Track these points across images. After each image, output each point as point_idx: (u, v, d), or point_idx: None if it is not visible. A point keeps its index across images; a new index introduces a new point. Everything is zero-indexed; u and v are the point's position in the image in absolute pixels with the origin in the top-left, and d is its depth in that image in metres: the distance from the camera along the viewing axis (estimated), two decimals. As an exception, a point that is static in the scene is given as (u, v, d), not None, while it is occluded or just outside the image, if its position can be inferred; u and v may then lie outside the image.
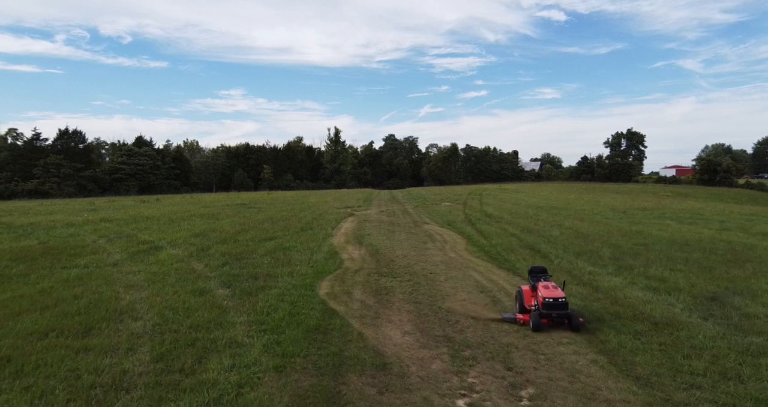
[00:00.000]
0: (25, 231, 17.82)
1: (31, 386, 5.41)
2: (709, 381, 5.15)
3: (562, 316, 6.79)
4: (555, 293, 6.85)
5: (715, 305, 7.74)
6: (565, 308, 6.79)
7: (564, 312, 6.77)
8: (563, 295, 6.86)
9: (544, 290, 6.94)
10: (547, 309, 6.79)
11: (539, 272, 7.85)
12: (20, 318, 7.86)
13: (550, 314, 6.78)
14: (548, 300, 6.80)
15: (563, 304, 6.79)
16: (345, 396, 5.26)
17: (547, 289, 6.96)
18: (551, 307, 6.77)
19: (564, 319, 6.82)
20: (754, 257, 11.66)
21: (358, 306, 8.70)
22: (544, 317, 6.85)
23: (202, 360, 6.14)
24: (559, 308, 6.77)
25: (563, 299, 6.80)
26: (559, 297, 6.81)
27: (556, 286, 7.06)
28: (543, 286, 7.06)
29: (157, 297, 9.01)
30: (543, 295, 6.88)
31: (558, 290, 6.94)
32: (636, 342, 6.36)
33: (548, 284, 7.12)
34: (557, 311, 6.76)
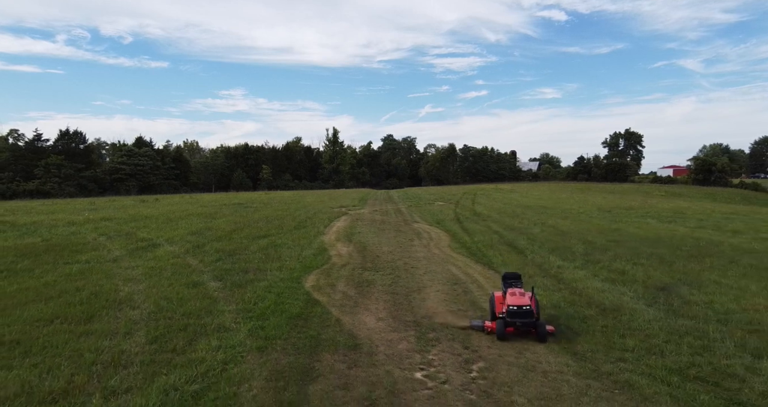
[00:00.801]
0: (28, 230, 18.54)
1: (38, 363, 6.10)
2: (636, 355, 5.85)
3: (527, 325, 6.52)
4: (520, 301, 6.59)
5: (663, 294, 8.45)
6: (530, 316, 6.53)
7: (529, 321, 6.52)
8: (529, 303, 6.59)
9: (510, 297, 6.72)
10: (512, 317, 6.54)
11: (512, 278, 7.54)
12: (27, 307, 8.55)
13: (515, 322, 6.54)
14: (512, 308, 6.55)
15: (528, 312, 6.52)
16: (317, 370, 5.96)
17: (514, 296, 6.72)
18: (515, 315, 6.52)
19: (530, 328, 6.54)
20: (716, 253, 12.36)
21: (340, 296, 9.39)
22: (509, 325, 6.59)
23: (192, 342, 6.84)
24: (523, 316, 6.51)
25: (528, 308, 6.53)
26: (523, 305, 6.54)
27: (523, 293, 6.80)
28: (510, 293, 6.84)
29: (153, 289, 9.71)
30: (507, 302, 6.67)
31: (525, 297, 6.67)
32: (582, 324, 7.07)
33: (516, 290, 6.88)
34: (521, 319, 6.51)
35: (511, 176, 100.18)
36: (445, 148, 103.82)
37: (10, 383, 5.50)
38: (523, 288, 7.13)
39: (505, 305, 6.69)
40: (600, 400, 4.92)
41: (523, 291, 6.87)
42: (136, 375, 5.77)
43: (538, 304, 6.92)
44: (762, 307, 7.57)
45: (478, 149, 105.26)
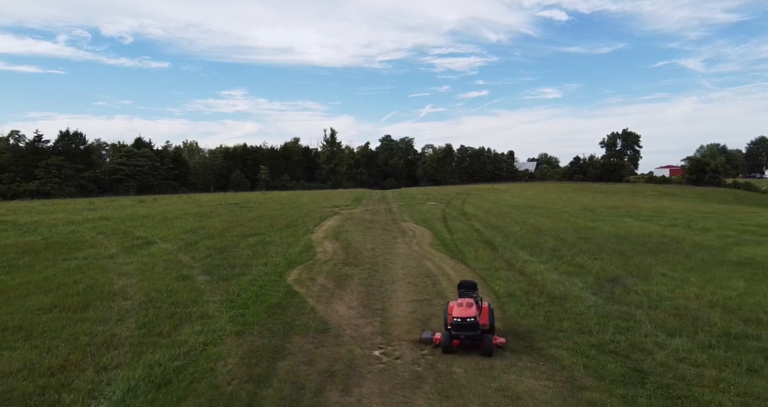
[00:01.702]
0: (29, 228, 19.32)
1: (39, 345, 6.86)
2: (567, 334, 6.64)
3: (471, 338, 6.18)
4: (465, 313, 6.23)
5: (610, 284, 9.22)
6: (475, 329, 6.18)
7: (473, 333, 6.17)
8: (474, 314, 6.24)
9: (456, 308, 6.36)
10: (456, 330, 6.20)
11: (468, 287, 7.13)
12: (28, 298, 9.32)
13: (458, 335, 6.21)
14: (456, 320, 6.21)
15: (472, 325, 6.16)
16: (287, 350, 6.72)
17: (460, 307, 6.36)
18: (460, 328, 6.17)
19: (475, 341, 6.21)
20: (676, 249, 13.13)
21: (318, 288, 10.15)
22: (454, 338, 6.26)
23: (178, 327, 7.60)
24: (467, 329, 6.15)
25: (472, 320, 6.18)
26: (468, 317, 6.18)
27: (471, 304, 6.42)
28: (458, 304, 6.47)
29: (145, 282, 10.47)
30: (453, 314, 6.33)
31: (471, 309, 6.31)
32: (530, 310, 7.84)
33: (463, 301, 6.51)
34: (466, 332, 6.15)
35: (508, 176, 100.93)
36: (442, 148, 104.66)
37: (14, 360, 6.26)
38: (477, 297, 6.84)
39: (450, 316, 6.34)
40: (525, 370, 5.70)
41: (471, 302, 6.47)
42: (126, 354, 6.54)
43: (492, 315, 6.63)
44: (692, 295, 8.34)
45: (475, 150, 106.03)
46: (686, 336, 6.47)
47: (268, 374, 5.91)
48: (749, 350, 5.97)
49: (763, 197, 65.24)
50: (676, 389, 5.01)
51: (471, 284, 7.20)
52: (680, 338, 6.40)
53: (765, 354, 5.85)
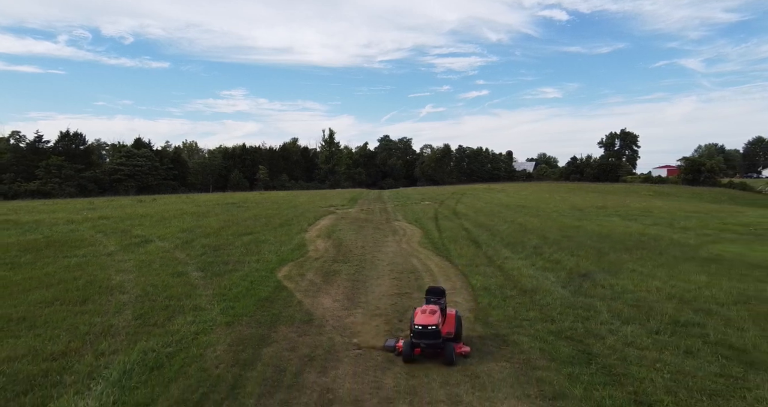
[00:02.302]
0: (30, 227, 19.86)
1: (41, 333, 7.40)
2: (530, 323, 7.19)
3: (432, 346, 6.00)
4: (426, 320, 6.05)
5: (580, 279, 9.76)
6: (436, 337, 6.00)
7: (434, 342, 5.99)
8: (436, 322, 6.05)
9: (419, 315, 6.19)
10: (417, 338, 6.02)
11: (436, 294, 6.92)
12: (31, 292, 9.85)
13: (419, 344, 6.03)
14: (417, 328, 6.02)
15: (434, 333, 5.99)
16: (272, 338, 7.26)
17: (424, 314, 6.20)
18: (421, 336, 6.00)
19: (437, 349, 6.02)
20: (652, 246, 13.67)
21: (306, 283, 10.69)
22: (415, 346, 6.07)
23: (171, 318, 8.14)
24: (428, 337, 5.98)
25: (434, 328, 6.00)
26: (429, 325, 6.00)
27: (434, 311, 6.25)
28: (421, 310, 6.32)
29: (141, 278, 11.01)
30: (415, 321, 6.13)
31: (434, 316, 6.13)
32: (501, 302, 8.39)
33: (427, 308, 6.35)
34: (427, 340, 5.98)
35: (506, 176, 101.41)
36: (440, 148, 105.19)
37: (19, 347, 6.81)
38: (444, 304, 6.71)
39: (413, 324, 6.15)
40: (487, 354, 6.26)
41: (435, 309, 6.30)
42: (122, 341, 7.08)
43: (459, 323, 6.47)
44: (654, 288, 8.88)
45: (473, 150, 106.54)
46: (638, 324, 7.02)
47: (253, 359, 6.45)
48: (692, 335, 6.52)
49: (756, 196, 65.77)
50: (617, 368, 5.55)
51: (439, 291, 6.96)
52: (632, 325, 6.95)
53: (705, 339, 6.39)
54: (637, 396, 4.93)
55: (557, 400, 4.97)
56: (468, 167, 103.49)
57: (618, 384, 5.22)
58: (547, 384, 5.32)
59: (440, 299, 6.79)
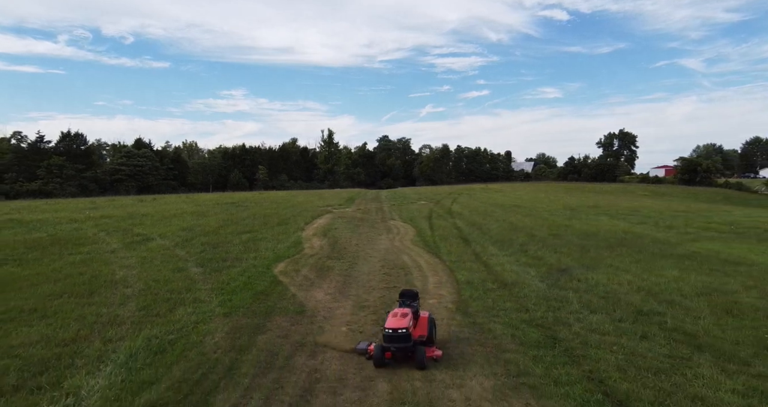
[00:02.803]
0: (35, 226, 20.43)
1: (52, 323, 7.97)
2: (506, 312, 7.77)
3: (402, 350, 5.95)
4: (397, 324, 6.00)
5: (559, 274, 10.34)
6: (406, 340, 5.95)
7: (405, 346, 5.94)
8: (406, 326, 6.01)
9: (390, 319, 6.15)
10: (387, 342, 5.97)
11: (409, 296, 6.89)
12: (39, 286, 10.41)
13: (390, 347, 5.97)
14: (387, 331, 5.97)
15: (404, 336, 5.94)
16: (267, 327, 7.83)
17: (395, 317, 6.16)
18: (391, 339, 5.95)
19: (407, 353, 5.98)
20: (634, 244, 14.24)
21: (301, 278, 11.26)
22: (386, 350, 6.00)
23: (173, 310, 8.71)
24: (399, 341, 5.93)
25: (404, 331, 5.95)
26: (399, 328, 5.95)
27: (406, 313, 6.22)
28: (392, 314, 6.27)
29: (144, 273, 11.59)
30: (387, 325, 6.07)
31: (404, 319, 6.09)
32: (482, 294, 8.97)
33: (399, 311, 6.31)
34: (397, 344, 5.92)
35: (504, 176, 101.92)
36: (439, 149, 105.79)
37: (33, 334, 7.37)
38: (417, 307, 6.68)
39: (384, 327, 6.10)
40: (463, 339, 6.83)
41: (407, 312, 6.26)
42: (127, 330, 7.65)
43: (432, 326, 6.44)
44: (625, 282, 9.46)
45: (472, 150, 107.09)
46: (604, 313, 7.59)
47: (248, 345, 7.02)
48: (651, 323, 7.10)
49: (751, 196, 66.33)
50: (578, 350, 6.13)
51: (412, 294, 6.94)
52: (599, 314, 7.53)
53: (662, 326, 6.97)
54: (591, 373, 5.50)
55: (520, 377, 5.54)
56: (466, 167, 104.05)
57: (576, 363, 5.80)
58: (513, 364, 5.90)
59: (413, 301, 6.74)
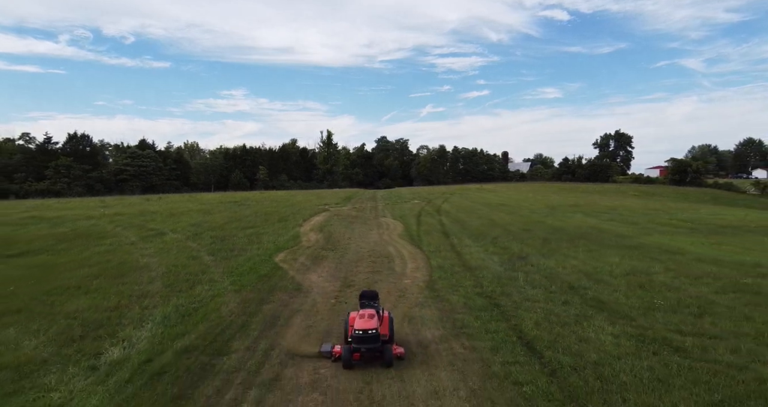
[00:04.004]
0: (56, 222, 22.30)
1: (95, 296, 9.80)
2: (465, 288, 9.61)
3: (372, 350, 6.07)
4: (367, 325, 6.14)
5: (518, 260, 12.19)
6: (376, 341, 6.08)
7: (374, 346, 6.06)
8: (375, 326, 6.15)
9: (358, 320, 6.25)
10: (357, 343, 6.06)
11: (370, 297, 7.01)
12: (76, 270, 12.27)
13: (360, 348, 6.06)
14: (357, 332, 6.09)
15: (374, 336, 6.07)
16: (270, 299, 9.66)
17: (362, 319, 6.25)
18: (361, 340, 6.05)
19: (376, 353, 6.10)
20: (593, 237, 16.08)
21: (299, 265, 13.10)
22: (355, 351, 6.09)
23: (193, 287, 10.55)
24: (369, 341, 6.05)
25: (374, 331, 6.09)
26: (369, 329, 6.08)
27: (372, 315, 6.34)
28: (360, 315, 6.37)
29: (164, 260, 13.44)
30: (354, 326, 6.19)
31: (373, 320, 6.23)
32: (449, 275, 10.83)
33: (365, 312, 6.40)
34: (367, 345, 6.04)
35: (500, 176, 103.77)
36: (436, 149, 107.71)
37: (82, 304, 9.21)
38: (379, 307, 6.84)
39: (351, 328, 6.23)
40: (426, 306, 8.68)
41: (373, 313, 6.39)
42: (158, 301, 9.50)
43: (392, 325, 6.61)
44: (569, 266, 11.31)
45: (468, 150, 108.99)
46: (542, 288, 9.44)
47: (255, 311, 8.86)
48: (575, 294, 8.94)
49: (738, 196, 68.14)
50: (510, 312, 7.98)
51: (372, 294, 7.07)
52: (537, 289, 9.38)
53: (582, 296, 8.81)
54: (515, 326, 7.35)
55: (462, 329, 7.39)
56: (463, 167, 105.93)
57: (505, 320, 7.65)
58: (459, 321, 7.75)
59: (374, 302, 6.89)
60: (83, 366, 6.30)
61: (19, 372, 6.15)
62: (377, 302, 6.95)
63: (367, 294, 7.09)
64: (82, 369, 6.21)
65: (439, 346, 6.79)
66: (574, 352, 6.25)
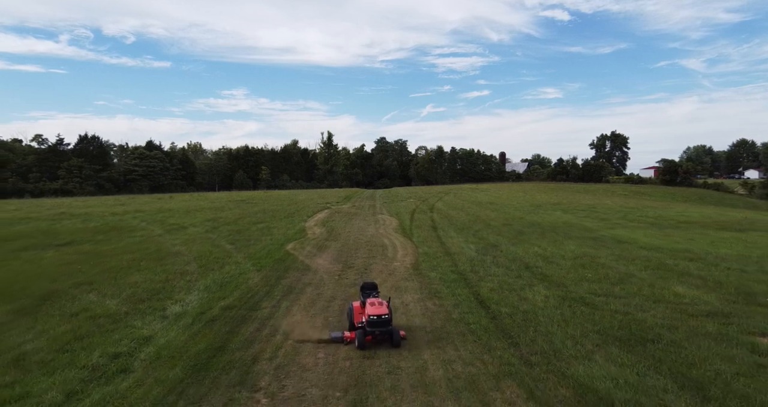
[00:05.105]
0: (85, 218, 24.70)
1: (146, 273, 12.17)
2: (442, 268, 12.00)
3: (384, 333, 6.96)
4: (379, 311, 6.99)
5: (490, 248, 14.60)
6: (387, 324, 6.97)
7: (386, 329, 6.96)
8: (387, 312, 7.02)
9: (370, 308, 7.08)
10: (371, 327, 6.93)
11: (370, 288, 7.84)
12: (121, 256, 14.65)
13: (374, 331, 6.93)
14: (372, 318, 6.94)
15: (386, 321, 6.96)
16: (286, 276, 12.05)
17: (374, 306, 7.09)
18: (375, 324, 6.92)
19: (387, 336, 6.98)
20: (562, 230, 18.48)
21: (306, 252, 15.50)
22: (368, 334, 6.96)
23: (222, 267, 12.94)
24: (382, 325, 6.94)
25: (386, 316, 6.97)
26: (382, 314, 6.95)
27: (382, 302, 7.20)
28: (370, 303, 7.19)
29: (192, 248, 15.84)
30: (368, 312, 7.02)
31: (383, 307, 7.09)
32: (432, 259, 13.21)
33: (375, 300, 7.25)
34: (380, 328, 6.93)
35: (497, 177, 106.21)
36: (434, 150, 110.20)
37: (138, 278, 11.60)
38: (380, 297, 7.58)
39: (366, 315, 7.05)
40: (408, 279, 11.08)
41: (381, 301, 7.26)
42: (197, 277, 11.89)
43: (391, 312, 7.33)
44: (532, 252, 13.71)
45: (466, 151, 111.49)
46: (504, 267, 11.83)
47: (275, 284, 11.24)
48: (528, 271, 11.34)
49: (726, 196, 70.54)
50: (474, 283, 10.37)
51: (373, 286, 7.98)
52: (500, 268, 11.77)
53: (534, 272, 11.20)
54: (475, 292, 9.73)
55: (434, 294, 9.78)
56: (461, 168, 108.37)
57: (469, 287, 10.05)
58: (434, 290, 10.13)
59: (375, 292, 7.80)
60: (156, 316, 8.69)
61: (112, 319, 8.54)
62: (377, 293, 7.79)
63: (368, 285, 7.97)
64: (156, 318, 8.61)
65: (417, 305, 9.17)
66: (512, 305, 8.66)
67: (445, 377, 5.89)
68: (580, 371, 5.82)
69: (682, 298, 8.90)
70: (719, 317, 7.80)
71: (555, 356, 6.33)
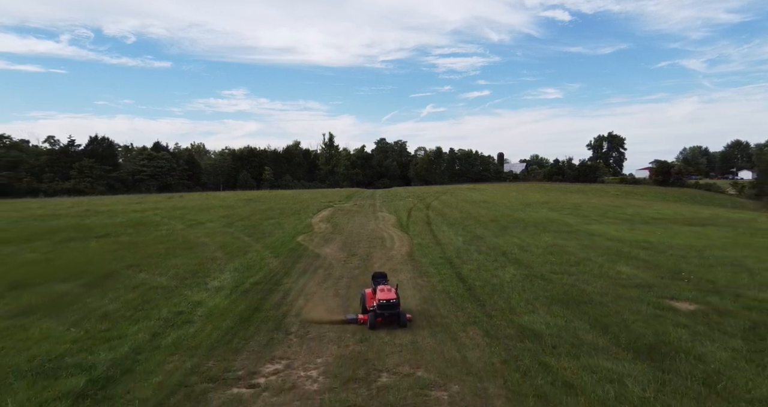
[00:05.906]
0: (110, 215, 26.90)
1: (182, 258, 14.33)
2: (433, 256, 14.15)
3: (393, 315, 7.86)
4: (388, 296, 7.88)
5: (476, 239, 16.78)
6: (395, 308, 7.85)
7: (394, 312, 7.85)
8: (395, 297, 7.90)
9: (380, 293, 7.96)
10: (381, 309, 7.80)
11: (380, 277, 8.86)
12: (156, 245, 16.82)
13: (384, 313, 7.82)
14: (382, 302, 7.80)
15: (394, 304, 7.83)
16: (300, 261, 14.23)
17: (383, 292, 7.96)
18: (384, 307, 7.80)
19: (395, 317, 7.88)
20: (543, 226, 20.65)
21: (315, 243, 17.69)
22: (379, 316, 7.86)
23: (245, 254, 15.12)
24: (390, 308, 7.81)
25: (394, 300, 7.85)
26: (391, 299, 7.83)
27: (390, 289, 8.09)
28: (380, 289, 8.06)
29: (215, 240, 18.04)
30: (379, 297, 7.89)
31: (392, 292, 7.98)
32: (424, 249, 15.40)
33: (384, 287, 8.13)
34: (389, 311, 7.82)
35: (495, 177, 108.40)
36: (432, 151, 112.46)
37: (177, 262, 13.77)
38: (389, 285, 8.47)
39: (376, 299, 7.94)
40: (403, 264, 13.27)
41: (390, 288, 8.16)
42: (225, 261, 14.06)
43: (399, 297, 8.11)
44: (511, 243, 15.87)
45: (464, 152, 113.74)
46: (485, 254, 13.99)
47: (291, 267, 13.41)
48: (504, 257, 13.50)
49: (717, 196, 72.64)
50: (457, 265, 12.54)
51: (383, 275, 9.03)
52: (481, 254, 13.95)
53: (509, 257, 13.40)
54: (457, 272, 11.89)
55: (423, 273, 11.95)
56: (460, 168, 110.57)
57: (453, 268, 12.22)
58: (424, 270, 12.31)
59: (385, 280, 8.82)
60: (201, 288, 10.86)
61: (166, 290, 10.71)
62: (387, 281, 8.80)
63: (378, 274, 9.04)
64: (200, 290, 10.76)
65: (409, 281, 11.34)
66: (485, 280, 10.83)
67: (427, 325, 8.06)
68: (525, 319, 8.00)
69: (622, 275, 11.08)
70: (644, 288, 9.98)
71: (509, 311, 8.51)
